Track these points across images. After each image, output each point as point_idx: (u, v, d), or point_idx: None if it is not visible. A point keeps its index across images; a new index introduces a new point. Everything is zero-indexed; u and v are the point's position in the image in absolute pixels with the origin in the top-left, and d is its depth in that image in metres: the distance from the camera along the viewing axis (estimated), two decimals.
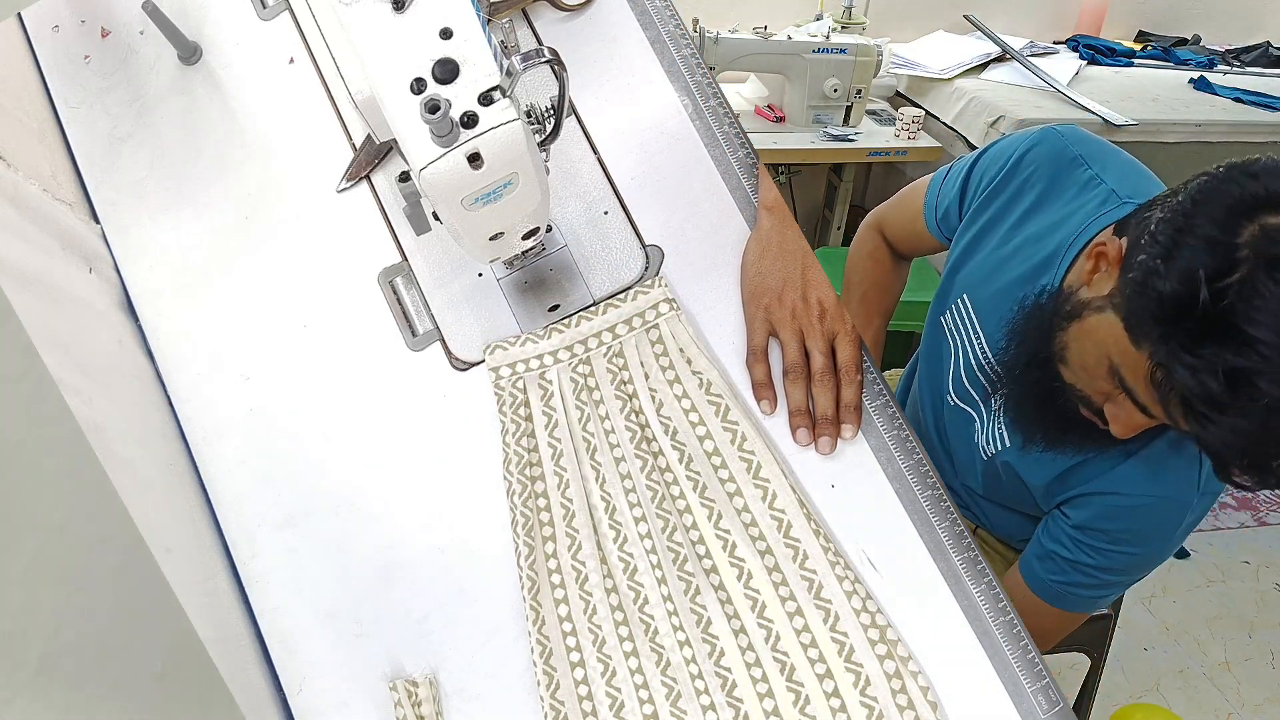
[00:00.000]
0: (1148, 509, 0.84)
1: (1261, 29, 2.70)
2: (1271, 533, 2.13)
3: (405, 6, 0.55)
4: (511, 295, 0.76)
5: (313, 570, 0.72)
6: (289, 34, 0.81)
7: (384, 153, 0.78)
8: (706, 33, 2.02)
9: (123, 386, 0.71)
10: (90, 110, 0.80)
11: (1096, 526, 0.87)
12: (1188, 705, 1.71)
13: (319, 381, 0.75)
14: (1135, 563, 0.88)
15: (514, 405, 0.73)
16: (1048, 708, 0.65)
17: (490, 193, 0.58)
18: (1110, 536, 0.86)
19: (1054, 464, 0.89)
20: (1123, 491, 0.84)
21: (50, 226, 0.70)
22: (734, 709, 0.66)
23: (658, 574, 0.69)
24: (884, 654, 0.66)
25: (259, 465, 0.73)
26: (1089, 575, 0.89)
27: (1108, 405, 0.74)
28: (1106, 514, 0.86)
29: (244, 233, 0.78)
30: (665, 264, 0.76)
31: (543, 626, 0.69)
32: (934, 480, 0.70)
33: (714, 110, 0.78)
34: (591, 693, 0.68)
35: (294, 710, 0.69)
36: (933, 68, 2.30)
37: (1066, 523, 0.89)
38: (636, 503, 0.70)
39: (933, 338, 1.04)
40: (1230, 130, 2.05)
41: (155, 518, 0.65)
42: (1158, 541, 0.86)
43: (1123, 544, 0.86)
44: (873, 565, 0.69)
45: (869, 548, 0.69)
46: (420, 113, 0.53)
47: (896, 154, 2.16)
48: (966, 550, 0.69)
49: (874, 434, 0.71)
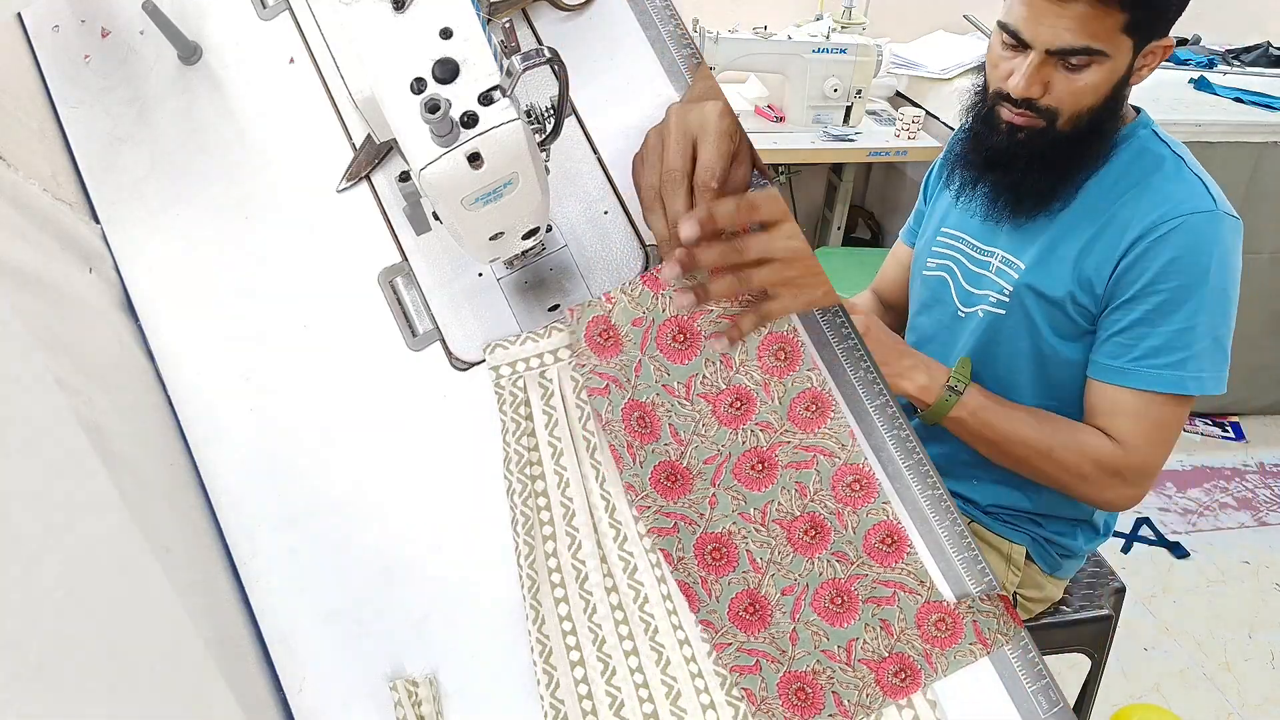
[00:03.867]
0: (1174, 233, 0.89)
1: (1261, 29, 2.70)
2: (1271, 533, 2.13)
3: (405, 6, 0.55)
4: (511, 295, 0.76)
5: (313, 570, 0.72)
6: (289, 34, 0.81)
7: (384, 153, 0.78)
8: (706, 33, 2.02)
9: (123, 387, 0.71)
10: (90, 110, 0.80)
11: (1135, 281, 0.91)
12: (1188, 705, 1.71)
13: (319, 381, 0.75)
14: (1194, 295, 0.90)
15: (514, 404, 0.73)
16: (1048, 708, 0.65)
17: (490, 192, 0.58)
18: (1150, 278, 0.90)
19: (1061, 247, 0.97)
20: (1143, 232, 0.91)
21: (50, 226, 0.70)
22: (734, 708, 0.66)
23: (657, 573, 0.69)
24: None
25: (259, 465, 0.73)
26: (1163, 337, 0.90)
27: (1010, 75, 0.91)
28: (1136, 262, 0.91)
29: (244, 232, 0.78)
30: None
31: (542, 625, 0.69)
32: (934, 480, 0.70)
33: None
34: (591, 692, 0.68)
35: (294, 710, 0.69)
36: (933, 68, 2.30)
37: (1110, 306, 0.94)
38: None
39: (927, 297, 1.15)
40: (1230, 130, 2.06)
41: (155, 518, 0.65)
42: (1203, 258, 0.90)
43: (1167, 279, 0.89)
44: None
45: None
46: (420, 113, 0.53)
47: (896, 154, 2.16)
48: (967, 550, 0.69)
49: (874, 434, 0.71)
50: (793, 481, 0.69)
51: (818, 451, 0.69)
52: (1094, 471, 0.93)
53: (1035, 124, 0.94)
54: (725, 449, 0.70)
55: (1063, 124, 0.93)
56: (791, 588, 0.68)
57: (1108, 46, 0.87)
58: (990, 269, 1.05)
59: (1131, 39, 0.88)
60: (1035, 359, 1.02)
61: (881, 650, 0.67)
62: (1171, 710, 1.67)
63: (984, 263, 1.06)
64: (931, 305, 1.15)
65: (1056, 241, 0.99)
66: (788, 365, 0.70)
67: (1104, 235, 0.95)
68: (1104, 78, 0.90)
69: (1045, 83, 0.91)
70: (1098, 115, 0.93)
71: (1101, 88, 0.91)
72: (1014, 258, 1.02)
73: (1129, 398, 0.92)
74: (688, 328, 0.70)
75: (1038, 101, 0.92)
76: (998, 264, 1.04)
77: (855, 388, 0.72)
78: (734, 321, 0.68)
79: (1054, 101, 0.92)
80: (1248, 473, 2.33)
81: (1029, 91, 0.91)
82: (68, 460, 0.52)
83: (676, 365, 0.70)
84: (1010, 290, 1.01)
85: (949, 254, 1.11)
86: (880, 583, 0.68)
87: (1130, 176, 0.96)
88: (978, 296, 1.07)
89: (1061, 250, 0.98)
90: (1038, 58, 0.89)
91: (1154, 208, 0.92)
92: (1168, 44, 0.92)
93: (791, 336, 0.71)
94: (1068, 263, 0.97)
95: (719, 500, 0.69)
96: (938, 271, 1.13)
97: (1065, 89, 0.91)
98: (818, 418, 0.70)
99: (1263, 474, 2.33)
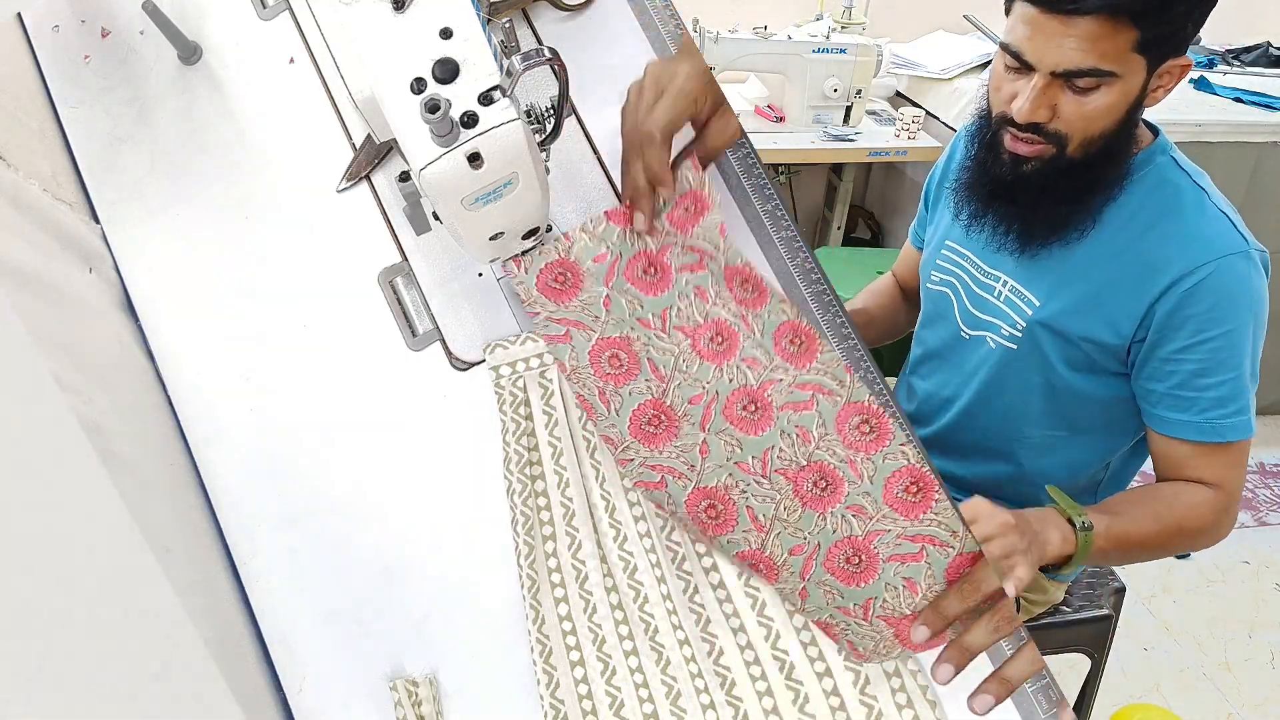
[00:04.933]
0: (1211, 279, 0.87)
1: (1261, 29, 2.70)
2: (1271, 533, 2.13)
3: (405, 6, 0.55)
4: (511, 295, 0.76)
5: (313, 570, 0.72)
6: (289, 34, 0.81)
7: (384, 153, 0.78)
8: (706, 33, 2.02)
9: (123, 386, 0.71)
10: (90, 110, 0.80)
11: (1179, 328, 0.89)
12: (1188, 705, 1.70)
13: (319, 381, 0.75)
14: (1240, 339, 0.89)
15: (514, 404, 0.73)
16: (1048, 707, 0.65)
17: (490, 192, 0.58)
18: (1195, 327, 0.88)
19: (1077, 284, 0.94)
20: (1177, 278, 0.88)
21: (50, 226, 0.70)
22: (734, 708, 0.66)
23: (657, 573, 0.69)
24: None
25: (259, 465, 0.73)
26: (1223, 388, 0.89)
27: (1014, 98, 0.87)
28: (1178, 309, 0.88)
29: (244, 232, 0.78)
30: None
31: (542, 625, 0.69)
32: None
33: None
34: (591, 692, 0.68)
35: (294, 710, 0.69)
36: (933, 68, 2.30)
37: (1155, 357, 0.91)
38: (636, 501, 0.70)
39: (931, 310, 1.13)
40: (1230, 130, 2.06)
41: (155, 518, 0.65)
42: (1241, 302, 0.88)
43: (1212, 326, 0.88)
44: None
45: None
46: (420, 113, 0.53)
47: (896, 154, 2.16)
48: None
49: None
50: (793, 425, 0.62)
51: (815, 390, 0.62)
52: (1212, 523, 0.92)
53: (1043, 151, 0.88)
54: (711, 387, 0.63)
55: (1073, 150, 0.87)
56: (800, 547, 0.61)
57: (1118, 67, 0.81)
58: (996, 295, 1.02)
59: (1144, 57, 0.82)
60: (1047, 391, 1.00)
61: (903, 608, 0.60)
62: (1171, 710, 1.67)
63: (989, 286, 1.03)
64: (936, 320, 1.12)
65: (1073, 277, 0.95)
66: (757, 298, 0.65)
67: (1129, 274, 0.91)
68: (1115, 100, 0.84)
69: (1052, 106, 0.85)
70: (1110, 140, 0.87)
71: (1114, 111, 0.85)
72: (1024, 289, 0.98)
73: (1207, 449, 0.92)
74: (658, 260, 0.66)
75: (1045, 126, 0.86)
76: (1006, 293, 1.00)
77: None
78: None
79: (1062, 126, 0.86)
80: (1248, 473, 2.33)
81: (1034, 116, 0.85)
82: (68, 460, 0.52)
83: (650, 297, 0.65)
84: (1023, 326, 0.98)
85: (953, 270, 1.08)
86: (905, 538, 0.60)
87: (1151, 210, 0.92)
88: (983, 321, 1.03)
89: (1079, 287, 0.94)
90: (1042, 80, 0.83)
91: (1185, 250, 0.88)
92: (1185, 64, 0.85)
93: (747, 269, 0.67)
94: (1086, 299, 0.93)
95: (711, 448, 0.62)
96: (941, 287, 1.10)
97: (1074, 113, 0.84)
98: (804, 353, 0.64)
99: (1263, 474, 2.33)
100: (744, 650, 0.67)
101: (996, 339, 1.02)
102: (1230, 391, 0.89)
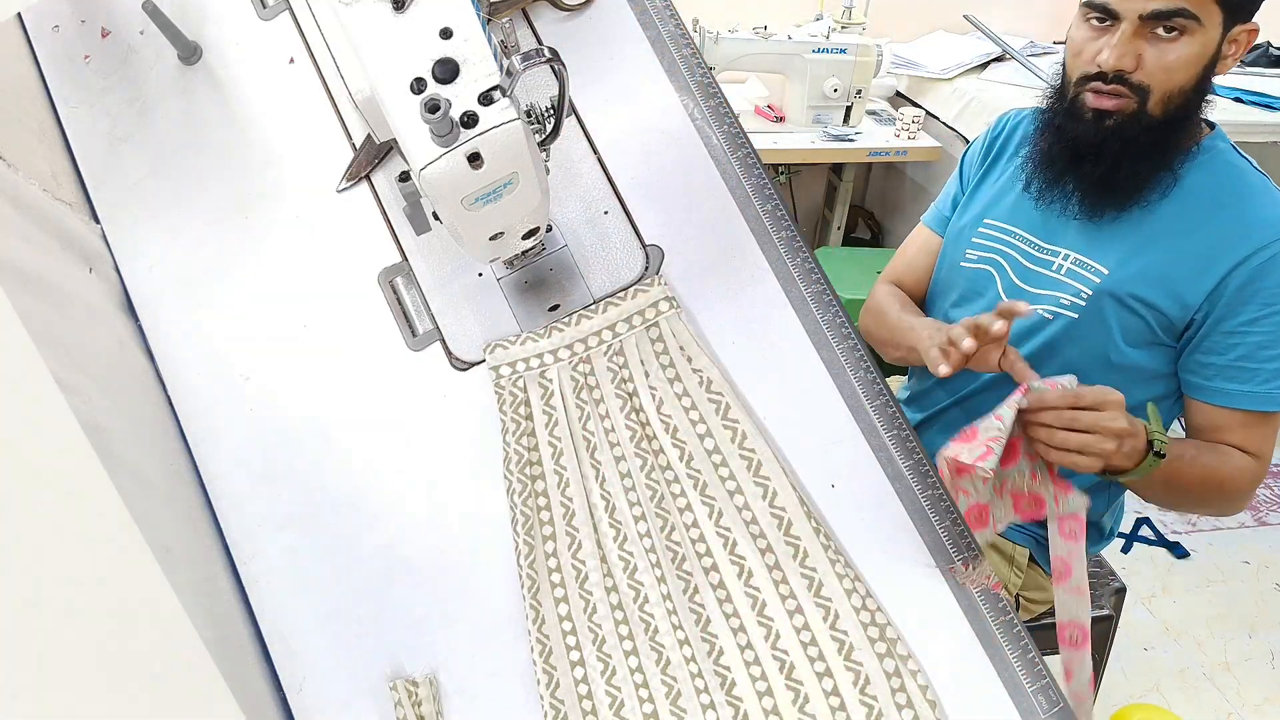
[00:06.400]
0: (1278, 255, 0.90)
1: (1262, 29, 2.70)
2: (1271, 533, 2.13)
3: (405, 6, 0.55)
4: (511, 295, 0.76)
5: (313, 570, 0.72)
6: (289, 34, 0.81)
7: (384, 153, 0.78)
8: (706, 33, 2.02)
9: (123, 386, 0.71)
10: (90, 110, 0.80)
11: (1248, 302, 0.91)
12: (1188, 705, 1.70)
13: (319, 381, 0.75)
14: None
15: (514, 404, 0.73)
16: (1048, 707, 0.65)
17: (490, 192, 0.58)
18: (1265, 300, 0.91)
19: (1147, 255, 0.96)
20: (1249, 254, 0.91)
21: (50, 226, 0.70)
22: (733, 708, 0.66)
23: (657, 573, 0.69)
24: (883, 652, 0.66)
25: (259, 465, 0.73)
26: (1277, 357, 0.92)
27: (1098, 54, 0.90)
28: (1249, 283, 0.91)
29: (244, 232, 0.78)
30: (665, 263, 0.76)
31: (542, 625, 0.69)
32: (934, 480, 0.70)
33: (714, 110, 0.78)
34: (591, 691, 0.68)
35: (294, 710, 0.69)
36: (933, 68, 2.30)
37: (1219, 330, 0.94)
38: (636, 501, 0.71)
39: (966, 288, 1.12)
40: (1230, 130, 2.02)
41: (155, 518, 0.65)
42: None
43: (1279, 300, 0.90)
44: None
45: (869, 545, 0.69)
46: (420, 113, 0.53)
47: (896, 154, 2.16)
48: (967, 550, 0.69)
49: (874, 434, 0.71)
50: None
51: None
52: (1248, 490, 0.95)
53: (1127, 105, 0.91)
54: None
55: (1154, 105, 0.91)
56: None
57: (1201, 12, 0.86)
58: (1055, 269, 1.02)
59: (1223, 11, 0.87)
60: (1103, 364, 1.00)
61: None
62: (1171, 710, 1.67)
63: (1046, 261, 1.03)
64: (972, 298, 1.11)
65: (1142, 247, 0.96)
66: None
67: (1198, 248, 0.93)
68: (1195, 52, 0.88)
69: (1138, 55, 0.89)
70: (1188, 99, 0.92)
71: (1193, 64, 0.89)
72: (1090, 260, 0.99)
73: (1258, 419, 0.94)
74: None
75: (1130, 76, 0.90)
76: (1068, 265, 1.01)
77: (855, 388, 0.72)
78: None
79: (1146, 77, 0.89)
80: None
81: (1121, 63, 0.89)
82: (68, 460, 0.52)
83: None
84: (1089, 295, 0.99)
85: (997, 247, 1.08)
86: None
87: (1220, 189, 0.95)
88: (1034, 295, 1.03)
89: (1150, 257, 0.96)
90: (1130, 26, 0.88)
91: (1257, 228, 0.91)
92: (1252, 29, 0.92)
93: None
94: (1156, 270, 0.95)
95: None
96: (981, 264, 1.09)
97: (1157, 63, 0.89)
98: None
99: None
100: (744, 650, 0.67)
101: (1055, 309, 1.02)
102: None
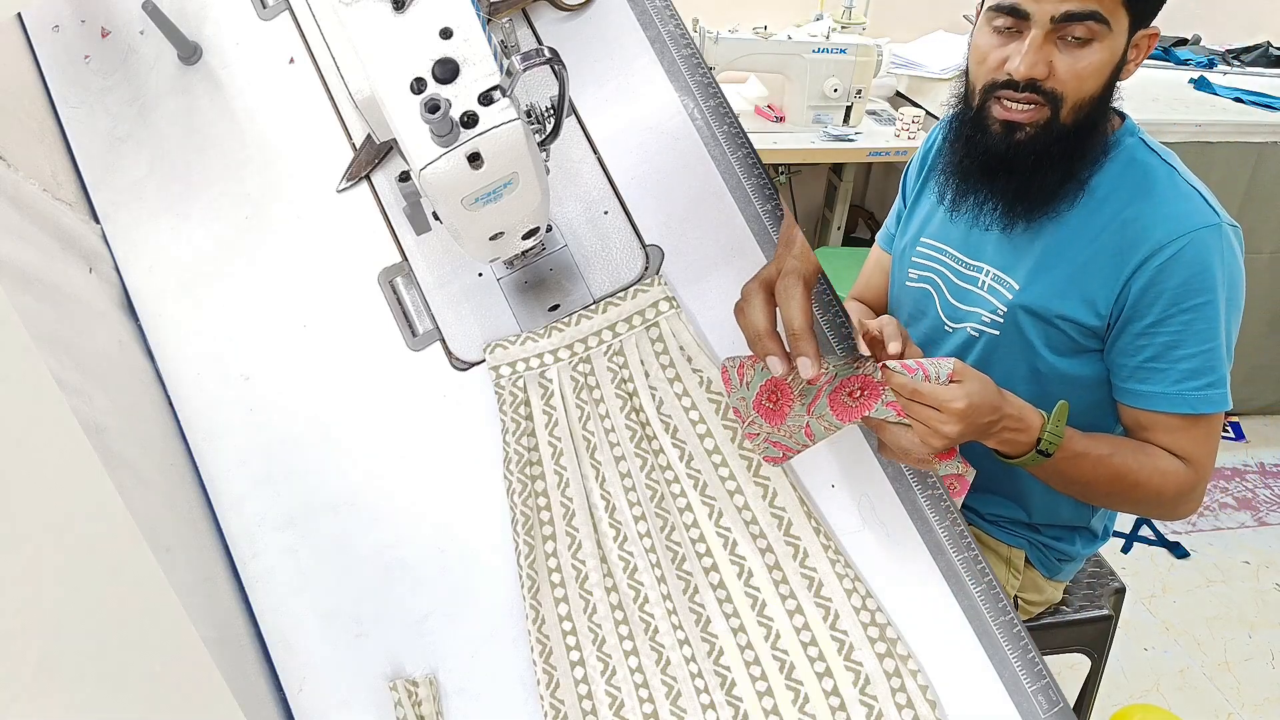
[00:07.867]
0: (1184, 253, 0.88)
1: (1261, 29, 2.70)
2: (1271, 533, 2.13)
3: (405, 6, 0.55)
4: (511, 295, 0.76)
5: (313, 570, 0.72)
6: (289, 34, 0.81)
7: (384, 153, 0.78)
8: (706, 33, 2.02)
9: (123, 386, 0.71)
10: (90, 110, 0.80)
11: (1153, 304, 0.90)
12: (1188, 705, 1.70)
13: (319, 381, 0.75)
14: (1213, 312, 0.90)
15: (514, 404, 0.73)
16: (1048, 707, 0.65)
17: (490, 192, 0.58)
18: (1169, 301, 0.89)
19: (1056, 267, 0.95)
20: (1151, 253, 0.89)
21: (50, 226, 0.70)
22: (733, 708, 0.66)
23: (657, 573, 0.69)
24: (883, 652, 0.66)
25: (259, 465, 0.73)
26: (1195, 360, 0.90)
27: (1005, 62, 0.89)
28: (1151, 284, 0.90)
29: (244, 232, 0.78)
30: (665, 263, 0.76)
31: (542, 625, 0.69)
32: (934, 480, 0.70)
33: (714, 110, 0.78)
34: (591, 692, 0.68)
35: (294, 710, 0.69)
36: (933, 68, 2.30)
37: (1129, 332, 0.93)
38: (636, 501, 0.71)
39: (912, 309, 1.12)
40: (1230, 130, 2.05)
41: (155, 518, 0.65)
42: (1215, 274, 0.89)
43: (1185, 299, 0.89)
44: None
45: (869, 545, 0.69)
46: (420, 113, 0.53)
47: (896, 154, 2.16)
48: (966, 550, 0.69)
49: (873, 434, 0.71)
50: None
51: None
52: (1174, 494, 0.92)
53: (1038, 116, 0.90)
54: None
55: (1065, 113, 0.90)
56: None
57: (1111, 16, 0.85)
58: (979, 285, 1.02)
59: (1129, 15, 0.86)
60: (1032, 376, 1.00)
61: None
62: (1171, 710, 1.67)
63: (971, 278, 1.03)
64: (917, 318, 1.12)
65: (1050, 258, 0.96)
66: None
67: (1104, 253, 0.92)
68: (1105, 59, 0.87)
69: (1049, 62, 0.87)
70: (1097, 104, 0.91)
71: (1103, 71, 0.88)
72: (1005, 275, 0.99)
73: (1179, 421, 0.92)
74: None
75: (1042, 85, 0.88)
76: (989, 281, 1.01)
77: None
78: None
79: (1058, 85, 0.88)
80: (1248, 473, 2.33)
81: (1034, 71, 0.87)
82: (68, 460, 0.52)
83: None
84: (1004, 310, 0.99)
85: (932, 265, 1.08)
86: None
87: (1123, 190, 0.94)
88: (965, 313, 1.04)
89: (1057, 268, 0.95)
90: (1040, 31, 0.86)
91: (1157, 226, 0.90)
92: (1153, 33, 0.91)
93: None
94: (1065, 281, 0.95)
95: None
96: (920, 284, 1.10)
97: (1069, 70, 0.87)
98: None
99: (1263, 474, 2.33)
100: (744, 650, 0.67)
101: (979, 327, 1.02)
102: (1203, 364, 0.90)
